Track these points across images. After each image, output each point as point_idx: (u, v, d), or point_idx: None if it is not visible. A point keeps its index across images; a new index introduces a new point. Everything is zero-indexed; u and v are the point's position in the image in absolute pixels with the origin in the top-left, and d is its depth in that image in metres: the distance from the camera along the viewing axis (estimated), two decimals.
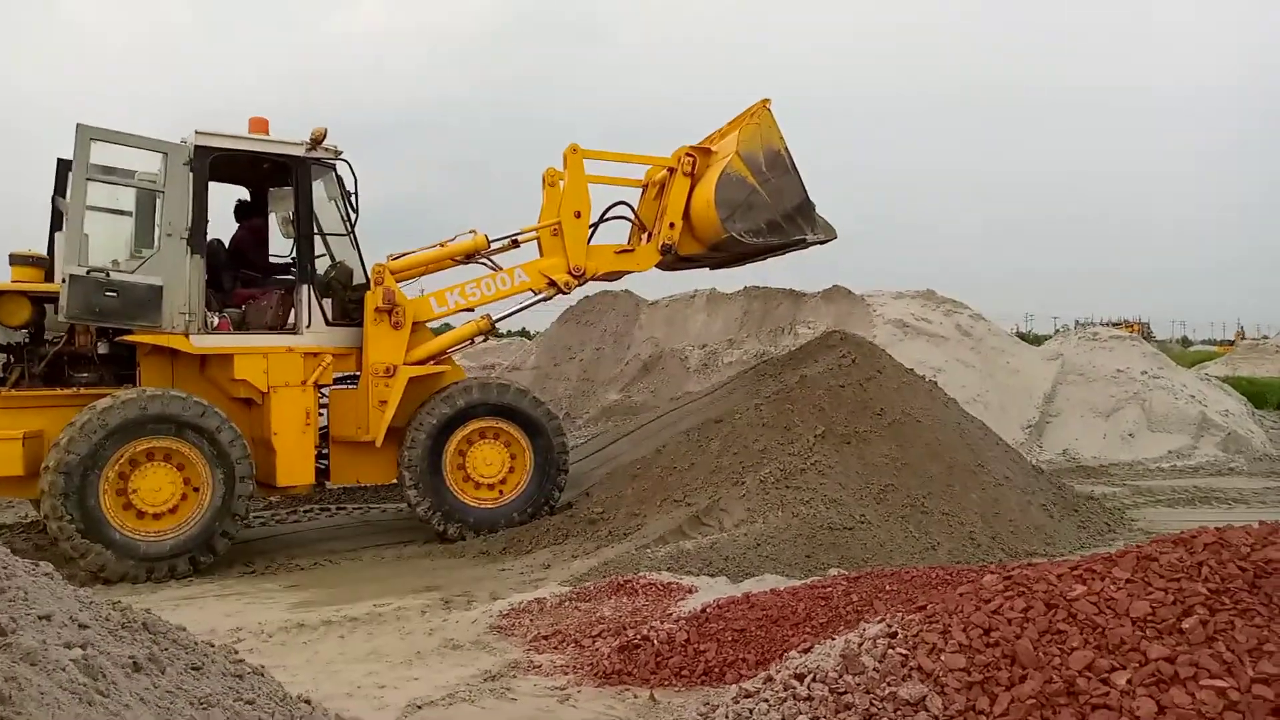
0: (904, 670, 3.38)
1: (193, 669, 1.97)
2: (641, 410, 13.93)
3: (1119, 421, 13.49)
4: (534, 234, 8.81)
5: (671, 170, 8.97)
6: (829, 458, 7.52)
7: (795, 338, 15.64)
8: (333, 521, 9.18)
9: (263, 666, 2.56)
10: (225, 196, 9.13)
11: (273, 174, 8.46)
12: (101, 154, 7.38)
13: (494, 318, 8.67)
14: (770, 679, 3.78)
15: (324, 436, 8.22)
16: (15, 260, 7.55)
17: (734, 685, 4.10)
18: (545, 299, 8.75)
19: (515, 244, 8.86)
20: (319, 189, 8.21)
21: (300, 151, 7.96)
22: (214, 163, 7.70)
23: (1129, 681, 3.06)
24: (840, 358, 8.59)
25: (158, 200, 7.50)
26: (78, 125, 7.18)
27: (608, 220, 9.16)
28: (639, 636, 4.92)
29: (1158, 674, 3.03)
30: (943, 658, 3.34)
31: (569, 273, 8.64)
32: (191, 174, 7.49)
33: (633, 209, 9.31)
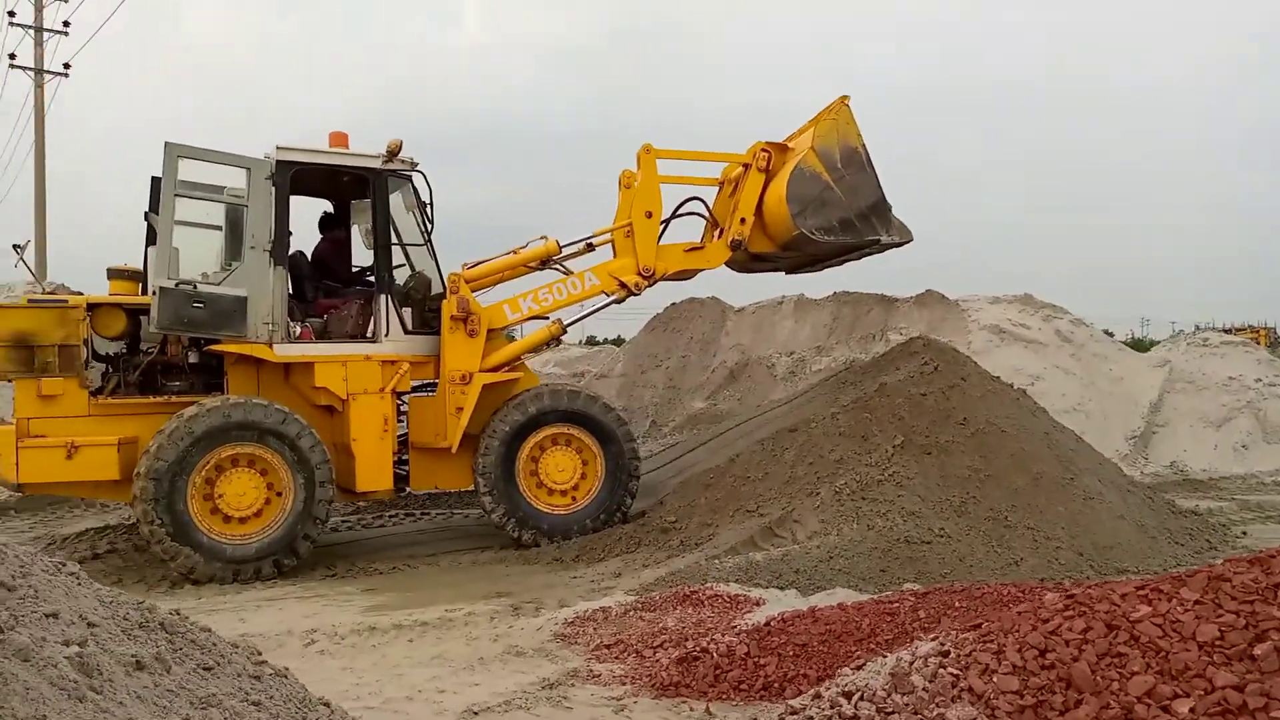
0: (954, 691, 3.26)
1: (204, 669, 2.03)
2: (726, 418, 13.84)
3: (1231, 432, 12.80)
4: (608, 236, 8.86)
5: (746, 166, 8.91)
6: (908, 469, 7.32)
7: (886, 344, 15.31)
8: (415, 526, 9.37)
9: (286, 669, 2.61)
10: (313, 210, 9.47)
11: (353, 186, 8.70)
12: (193, 171, 7.70)
13: (565, 322, 8.74)
14: (819, 696, 3.70)
15: (405, 443, 8.42)
16: (113, 274, 7.97)
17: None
18: (617, 301, 8.76)
19: (590, 247, 8.94)
20: (396, 200, 8.41)
21: (377, 164, 8.17)
22: (296, 177, 7.98)
23: (1191, 710, 2.88)
24: (922, 365, 8.36)
25: (243, 214, 7.79)
26: (166, 144, 7.51)
27: (681, 216, 9.11)
28: (698, 649, 4.87)
29: (1224, 703, 2.85)
30: (995, 679, 3.21)
31: (638, 273, 8.65)
32: (274, 188, 7.77)
33: (707, 205, 9.22)
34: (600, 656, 5.16)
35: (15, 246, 8.49)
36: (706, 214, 9.20)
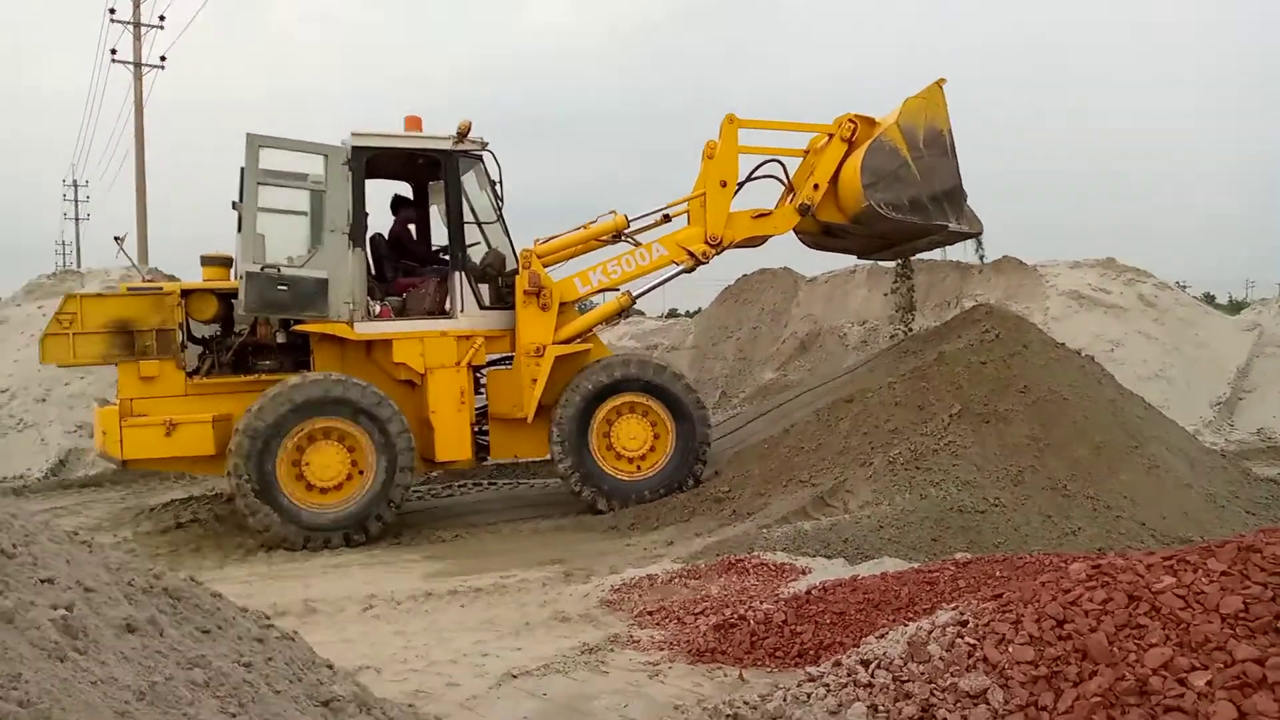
0: (969, 660, 3.25)
1: (202, 632, 2.15)
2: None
3: None
4: (684, 207, 8.88)
5: (831, 136, 8.82)
6: (964, 438, 7.22)
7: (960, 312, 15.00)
8: (482, 496, 9.61)
9: (295, 633, 2.74)
10: (387, 193, 9.71)
11: (429, 168, 8.90)
12: (278, 160, 8.05)
13: (634, 294, 8.82)
14: (839, 664, 3.72)
15: (485, 414, 8.68)
16: (205, 261, 8.35)
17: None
18: (686, 270, 8.80)
19: (666, 218, 8.96)
20: (470, 180, 8.59)
21: (448, 145, 8.35)
22: (374, 161, 8.26)
23: (1208, 683, 2.83)
24: (983, 333, 8.20)
25: (322, 199, 8.06)
26: (247, 135, 7.84)
27: (757, 179, 9.04)
28: (736, 616, 4.93)
29: (1243, 676, 2.78)
30: (1011, 649, 3.19)
31: (706, 242, 8.66)
32: (350, 173, 8.02)
33: (785, 170, 9.08)
34: (642, 622, 5.25)
35: (116, 238, 8.97)
36: (784, 178, 9.07)
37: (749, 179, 8.95)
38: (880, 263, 18.07)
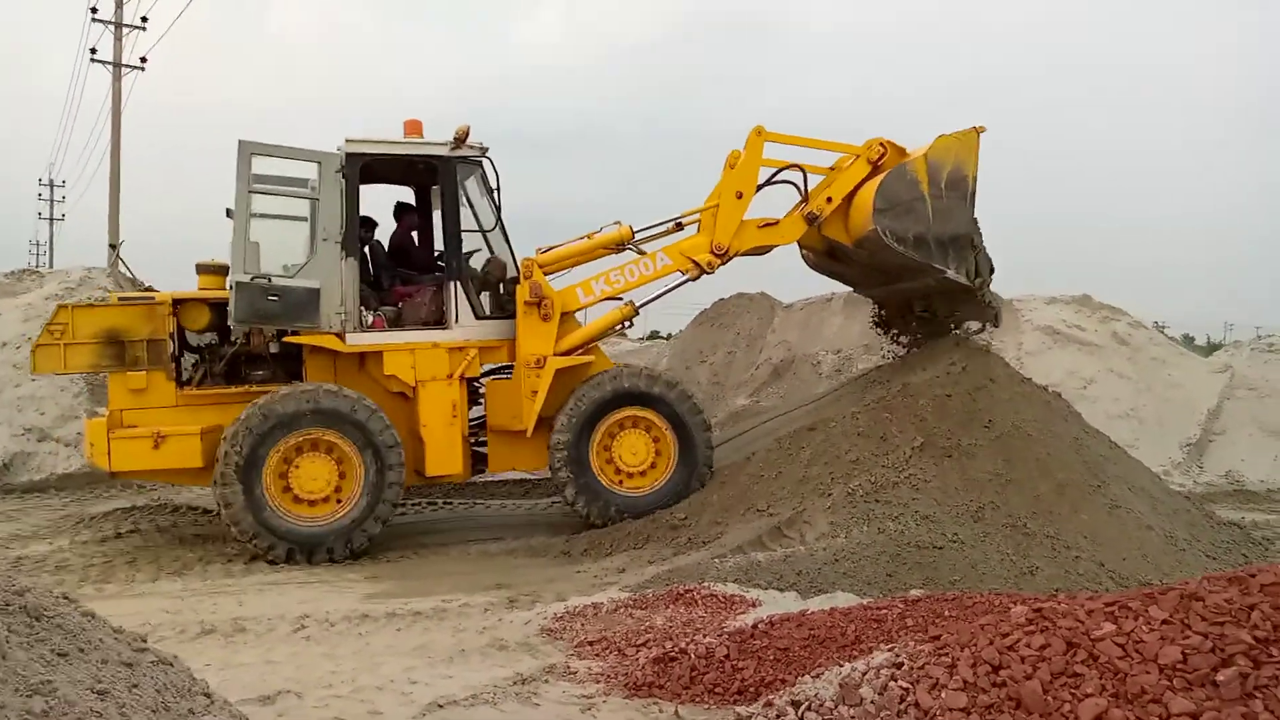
0: (901, 705, 3.10)
1: (58, 655, 1.98)
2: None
3: None
4: (696, 216, 8.74)
5: (858, 156, 8.69)
6: (926, 471, 7.09)
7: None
8: (435, 515, 9.40)
9: (174, 657, 2.56)
10: (390, 199, 9.58)
11: (429, 174, 8.76)
12: (275, 165, 7.91)
13: (638, 303, 8.67)
14: (770, 704, 3.56)
15: (484, 426, 8.55)
16: (201, 269, 8.18)
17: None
18: (691, 279, 8.61)
19: (679, 226, 8.79)
20: (471, 185, 8.44)
21: (445, 151, 8.21)
22: (373, 167, 8.16)
23: None
24: (950, 365, 8.09)
25: (315, 206, 7.93)
26: (239, 142, 7.70)
27: (776, 183, 8.85)
28: (676, 649, 4.75)
29: None
30: (943, 695, 3.04)
31: (711, 251, 8.51)
32: (343, 180, 7.87)
33: (805, 176, 8.83)
34: (582, 653, 5.07)
35: (112, 246, 8.83)
36: (802, 187, 8.83)
37: (769, 182, 8.77)
38: (858, 292, 18.23)
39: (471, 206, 8.40)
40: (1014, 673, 2.98)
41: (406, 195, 9.60)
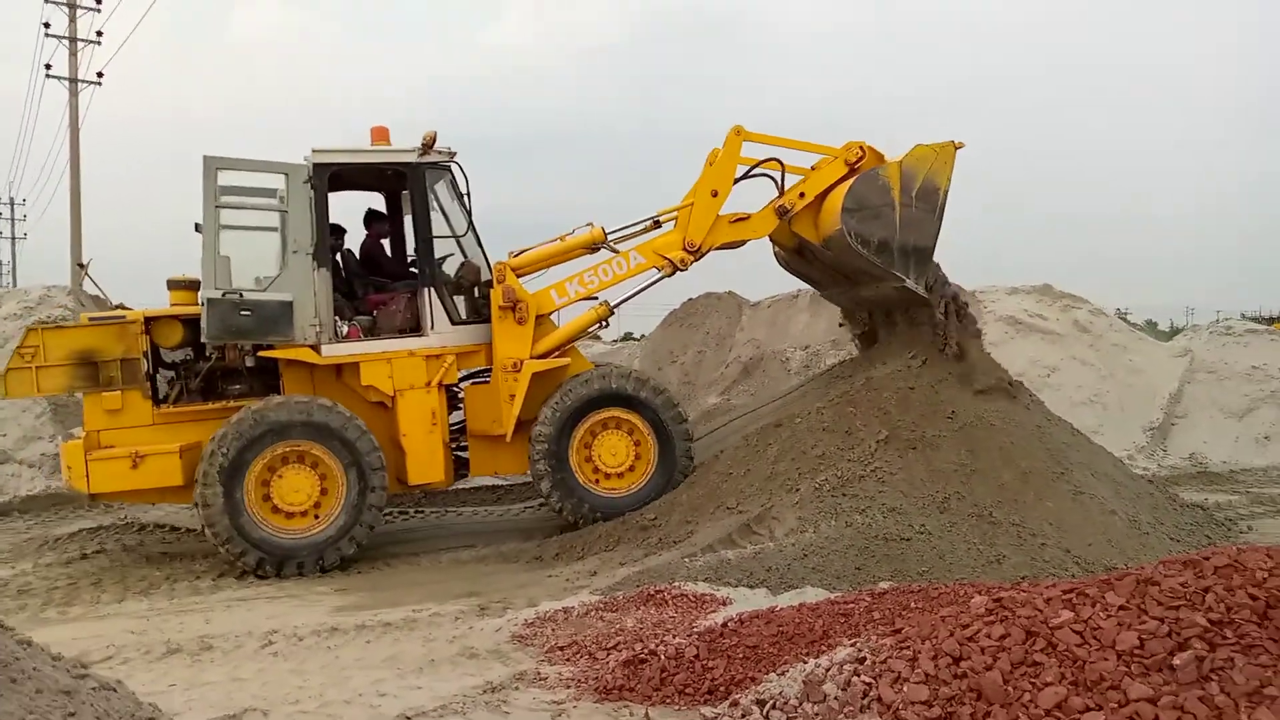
0: (864, 701, 3.12)
1: None
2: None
3: (1254, 423, 12.37)
4: (673, 214, 8.72)
5: (837, 158, 8.70)
6: (891, 464, 7.13)
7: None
8: (406, 525, 9.32)
9: (118, 682, 2.52)
10: (361, 207, 9.51)
11: (398, 179, 8.70)
12: (236, 179, 7.84)
13: (612, 303, 8.63)
14: (736, 703, 3.57)
15: (464, 431, 8.52)
16: (172, 285, 8.08)
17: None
18: (665, 276, 8.59)
19: (657, 224, 8.75)
20: (442, 190, 8.39)
21: (413, 158, 8.16)
22: (342, 175, 8.12)
23: None
24: (911, 358, 8.14)
25: (283, 219, 7.86)
26: (204, 157, 7.62)
27: (754, 176, 8.83)
28: (646, 651, 4.75)
29: (1136, 717, 2.67)
30: (905, 689, 3.06)
31: (684, 248, 8.50)
32: (312, 191, 7.80)
33: (784, 173, 8.81)
34: (552, 658, 5.05)
35: (80, 265, 8.68)
36: (779, 182, 8.82)
37: (747, 175, 8.76)
38: (820, 296, 18.30)
39: (442, 211, 8.36)
40: (974, 664, 3.01)
41: (376, 202, 9.54)
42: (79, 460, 7.39)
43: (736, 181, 8.71)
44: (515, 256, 8.51)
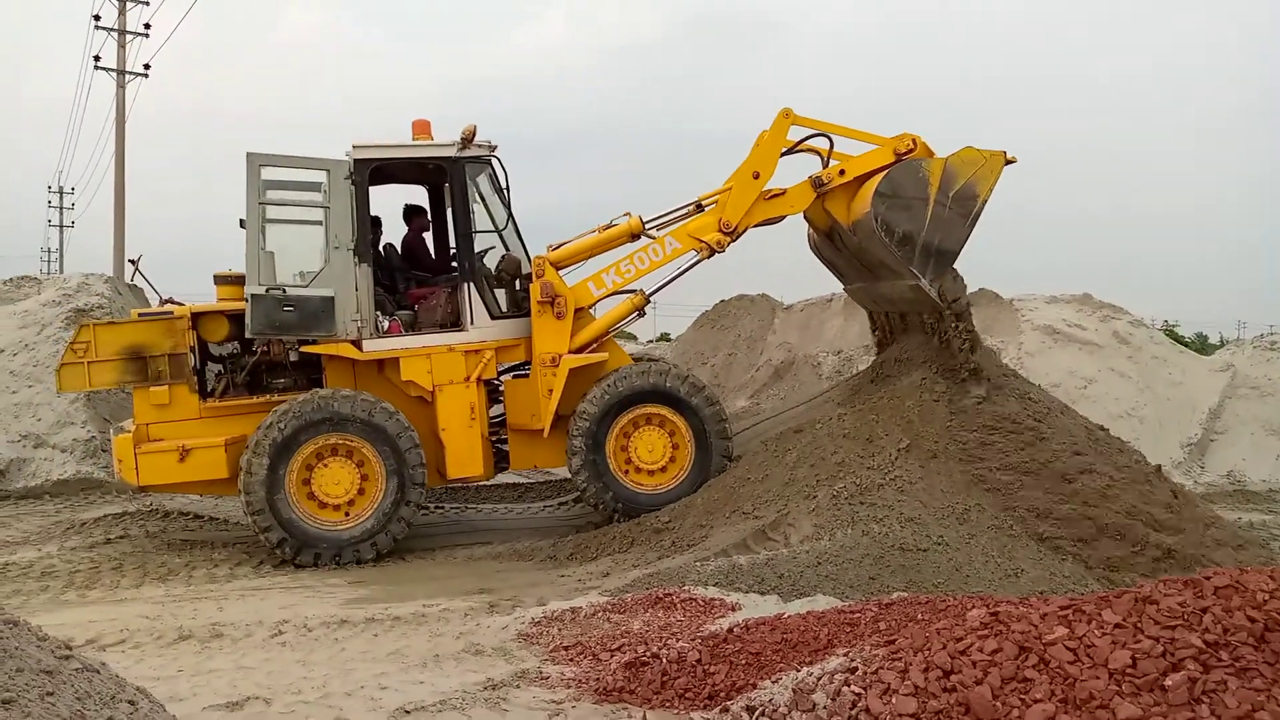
0: (852, 711, 3.07)
1: None
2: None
3: None
4: (714, 199, 8.65)
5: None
6: (911, 473, 7.04)
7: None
8: (425, 520, 9.36)
9: (102, 664, 2.55)
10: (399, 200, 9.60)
11: (438, 174, 8.77)
12: (279, 174, 7.98)
13: (648, 291, 8.59)
14: (726, 710, 3.53)
15: (504, 424, 8.59)
16: (219, 280, 8.23)
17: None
18: (703, 259, 8.49)
19: (700, 208, 8.69)
20: (483, 183, 8.44)
21: (453, 152, 8.20)
22: (383, 170, 8.20)
23: None
24: (928, 367, 8.02)
25: (325, 214, 7.96)
26: (247, 154, 7.75)
27: (799, 151, 8.67)
28: (648, 653, 4.73)
29: None
30: (894, 700, 3.00)
31: (719, 229, 8.42)
32: (353, 187, 7.89)
33: (831, 147, 8.62)
34: (556, 658, 5.04)
35: (131, 261, 8.87)
36: (824, 155, 8.62)
37: (794, 149, 8.62)
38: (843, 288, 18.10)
39: (484, 204, 8.41)
40: (964, 678, 2.94)
41: (414, 196, 9.63)
42: (129, 453, 7.57)
43: (785, 153, 8.56)
44: (554, 250, 8.50)
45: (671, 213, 8.72)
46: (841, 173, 8.47)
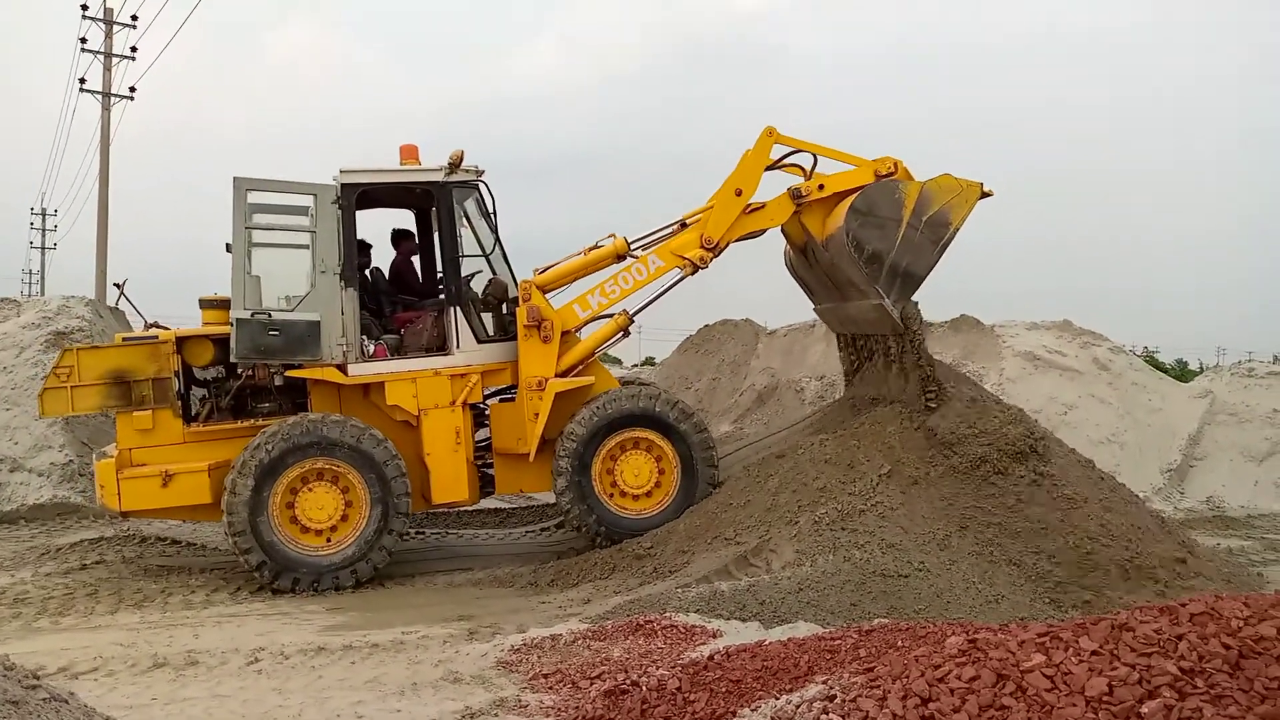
0: None
1: None
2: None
3: (1274, 468, 12.15)
4: (698, 216, 8.67)
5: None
6: (893, 499, 7.05)
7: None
8: (405, 546, 9.29)
9: (71, 694, 2.51)
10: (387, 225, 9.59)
11: (425, 198, 8.80)
12: (266, 198, 7.97)
13: (632, 311, 8.59)
14: None
15: (489, 448, 8.56)
16: (204, 304, 8.18)
17: None
18: (686, 276, 8.50)
19: (684, 226, 8.71)
20: (470, 208, 8.47)
21: (440, 177, 8.23)
22: (370, 195, 8.21)
23: None
24: (919, 392, 8.05)
25: (311, 239, 7.93)
26: (234, 178, 7.73)
27: (784, 166, 8.73)
28: (629, 682, 4.69)
29: None
30: None
31: (701, 246, 8.44)
32: (339, 211, 7.89)
33: (815, 164, 8.70)
34: (535, 686, 5.00)
35: (116, 284, 8.82)
36: (807, 170, 8.70)
37: (778, 165, 8.69)
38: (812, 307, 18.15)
39: (472, 228, 8.43)
40: (942, 705, 2.94)
41: (401, 220, 9.64)
42: (111, 479, 7.50)
43: (769, 169, 8.63)
44: (540, 273, 8.53)
45: (656, 233, 8.76)
46: (820, 187, 8.55)
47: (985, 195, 8.31)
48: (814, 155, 8.68)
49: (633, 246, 8.69)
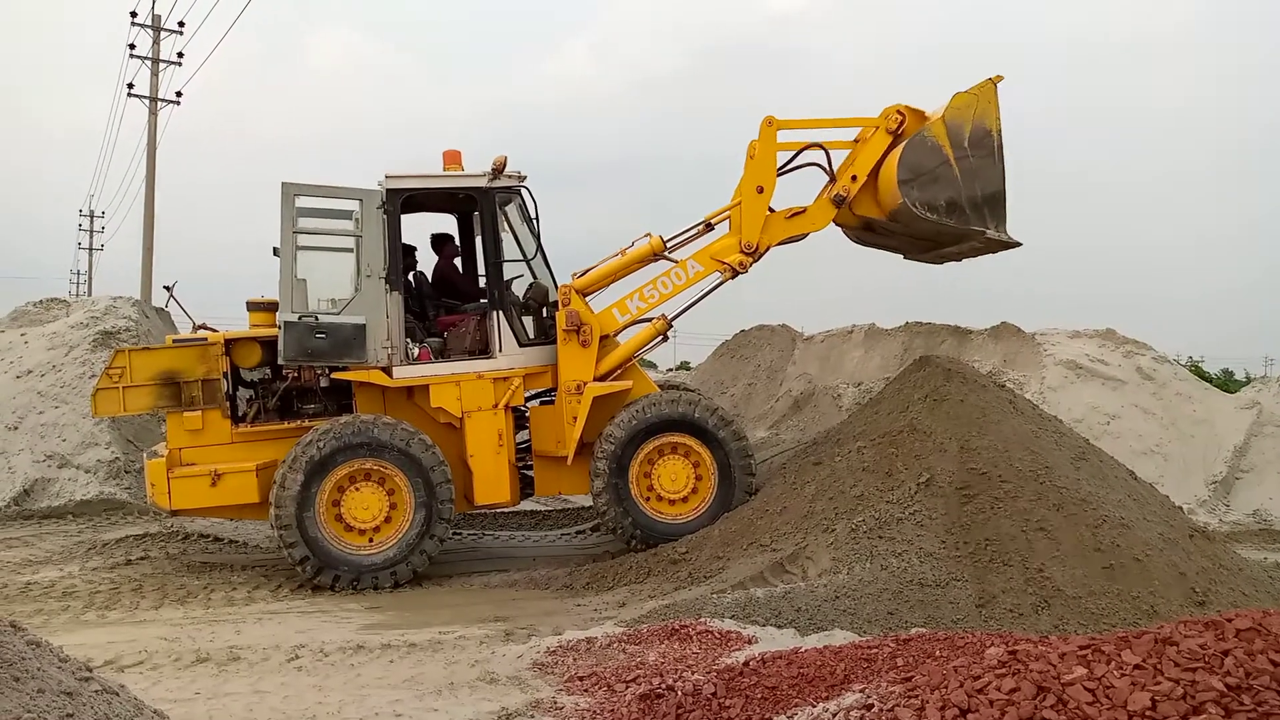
0: None
1: None
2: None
3: None
4: (723, 215, 8.68)
5: (877, 128, 8.50)
6: (932, 508, 6.97)
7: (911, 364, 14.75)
8: (443, 547, 9.37)
9: (121, 686, 2.57)
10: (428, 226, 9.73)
11: (469, 203, 8.90)
12: (312, 203, 8.12)
13: (670, 315, 8.62)
14: None
15: (529, 450, 8.65)
16: (252, 307, 8.37)
17: None
18: (727, 280, 8.52)
19: (709, 227, 8.73)
20: (512, 212, 8.55)
21: (484, 182, 8.32)
22: (415, 199, 8.32)
23: None
24: (960, 401, 7.97)
25: (357, 243, 8.07)
26: (282, 184, 7.87)
27: (797, 168, 8.71)
28: (664, 686, 4.70)
29: None
30: None
31: (741, 251, 8.43)
32: (385, 216, 8.00)
33: (829, 158, 8.68)
34: (571, 688, 5.03)
35: (166, 287, 9.05)
36: (828, 168, 8.68)
37: (786, 169, 8.64)
38: (879, 324, 18.03)
39: (514, 234, 8.50)
40: (981, 716, 2.91)
41: (444, 225, 9.75)
42: (162, 478, 7.66)
43: (781, 173, 8.59)
44: (578, 277, 8.58)
45: (686, 231, 8.73)
46: (854, 178, 8.46)
47: (998, 82, 8.16)
48: (826, 150, 8.63)
49: (668, 245, 8.68)
